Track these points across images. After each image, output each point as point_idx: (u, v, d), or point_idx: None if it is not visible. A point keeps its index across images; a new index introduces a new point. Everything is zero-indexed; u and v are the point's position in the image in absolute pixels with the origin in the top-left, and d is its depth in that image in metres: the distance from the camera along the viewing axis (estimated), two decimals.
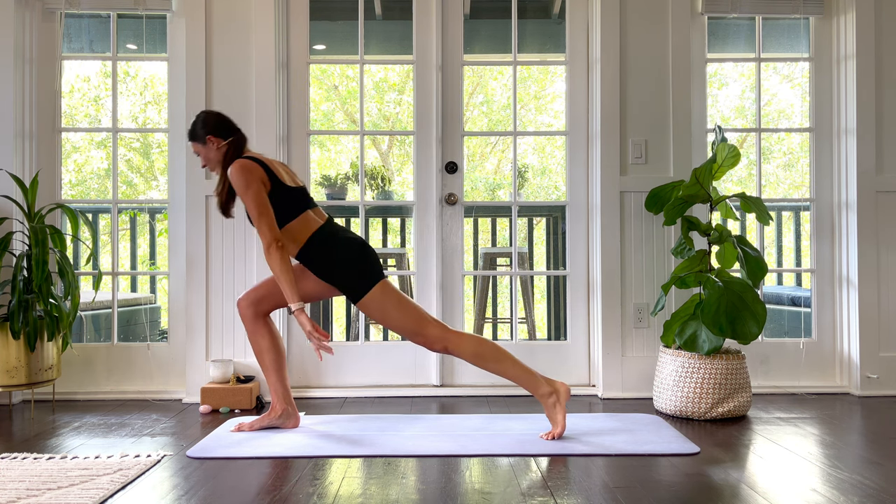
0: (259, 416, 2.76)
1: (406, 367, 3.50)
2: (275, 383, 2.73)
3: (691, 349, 2.94)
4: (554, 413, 2.58)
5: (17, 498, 1.95)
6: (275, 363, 2.73)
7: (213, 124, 2.66)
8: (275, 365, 2.73)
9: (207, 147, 2.66)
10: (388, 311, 2.58)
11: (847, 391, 3.42)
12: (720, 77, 5.78)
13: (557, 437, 2.55)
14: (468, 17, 3.64)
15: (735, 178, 5.40)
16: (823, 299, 3.53)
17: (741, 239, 3.04)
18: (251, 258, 3.33)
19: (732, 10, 3.46)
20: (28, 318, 2.95)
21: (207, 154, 2.67)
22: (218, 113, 2.72)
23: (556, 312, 4.15)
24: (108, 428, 2.82)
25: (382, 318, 2.61)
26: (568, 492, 2.03)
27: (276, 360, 2.73)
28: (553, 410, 2.58)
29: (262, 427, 2.72)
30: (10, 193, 3.21)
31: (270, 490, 2.06)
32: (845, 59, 3.45)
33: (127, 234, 4.46)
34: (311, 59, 3.51)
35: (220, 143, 2.65)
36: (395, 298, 2.59)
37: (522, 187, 5.44)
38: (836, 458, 2.37)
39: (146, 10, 3.40)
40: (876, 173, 3.40)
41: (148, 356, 3.43)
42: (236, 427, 2.70)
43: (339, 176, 4.39)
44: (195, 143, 2.69)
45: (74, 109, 5.77)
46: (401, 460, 2.35)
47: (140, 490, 2.07)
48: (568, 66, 3.53)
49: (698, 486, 2.10)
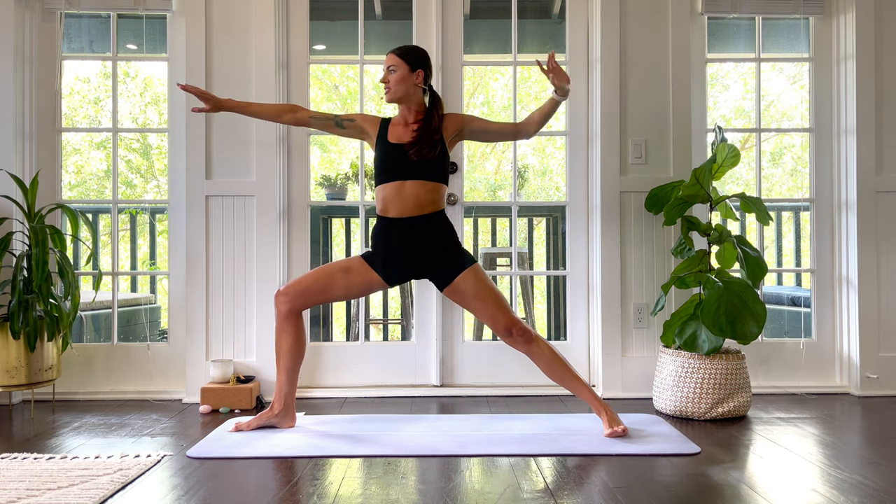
0: (262, 413, 2.75)
1: (406, 367, 3.50)
2: (283, 383, 2.72)
3: (691, 349, 2.94)
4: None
5: (17, 498, 1.95)
6: (290, 365, 2.71)
7: (429, 64, 2.72)
8: (289, 367, 2.71)
9: (411, 75, 2.66)
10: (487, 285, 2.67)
11: (847, 391, 3.42)
12: (720, 78, 5.78)
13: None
14: (468, 17, 3.64)
15: (739, 180, 5.40)
16: (823, 299, 3.52)
17: (741, 239, 3.04)
18: (251, 258, 3.33)
19: (732, 10, 3.46)
20: (28, 318, 2.95)
21: (404, 81, 2.66)
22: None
23: (556, 312, 4.15)
24: (108, 428, 2.82)
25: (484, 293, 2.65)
26: (568, 492, 2.03)
27: (292, 363, 2.72)
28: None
29: (260, 425, 2.71)
30: (10, 193, 3.21)
31: (270, 490, 2.06)
32: (845, 59, 3.45)
33: (127, 234, 4.46)
34: (311, 59, 3.51)
35: (422, 82, 2.68)
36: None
37: (522, 187, 5.44)
38: (836, 458, 2.37)
39: (146, 10, 3.40)
40: (876, 173, 3.40)
41: (148, 356, 3.43)
42: (234, 427, 2.70)
43: (339, 176, 4.39)
44: (401, 62, 2.66)
45: (74, 110, 5.77)
46: (401, 460, 2.35)
47: (140, 490, 2.07)
48: (568, 66, 3.53)
49: (698, 486, 2.10)
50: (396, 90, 2.67)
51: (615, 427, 2.59)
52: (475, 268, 2.67)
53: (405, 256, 2.66)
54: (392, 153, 2.66)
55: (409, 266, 2.68)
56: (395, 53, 2.69)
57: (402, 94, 2.67)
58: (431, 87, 2.73)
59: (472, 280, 2.65)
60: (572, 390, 2.70)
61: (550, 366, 2.68)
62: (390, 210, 2.65)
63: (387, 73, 2.68)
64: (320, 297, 2.70)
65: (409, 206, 2.63)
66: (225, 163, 3.33)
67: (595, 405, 2.67)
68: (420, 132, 2.65)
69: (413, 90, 2.68)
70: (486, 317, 2.66)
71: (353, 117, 2.79)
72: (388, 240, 2.66)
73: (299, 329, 2.72)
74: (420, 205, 2.63)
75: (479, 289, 2.64)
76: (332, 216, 4.52)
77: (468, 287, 2.65)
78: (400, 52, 2.69)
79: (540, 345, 2.67)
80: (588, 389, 2.69)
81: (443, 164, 2.67)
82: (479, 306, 2.66)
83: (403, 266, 2.68)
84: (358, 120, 2.78)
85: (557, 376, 2.69)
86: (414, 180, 2.63)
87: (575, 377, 2.69)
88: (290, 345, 2.70)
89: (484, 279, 2.67)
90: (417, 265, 2.68)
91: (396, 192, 2.64)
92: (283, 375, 2.72)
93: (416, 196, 2.63)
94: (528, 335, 2.65)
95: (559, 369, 2.68)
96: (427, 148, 2.62)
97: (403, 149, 2.64)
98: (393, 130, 2.71)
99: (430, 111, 2.69)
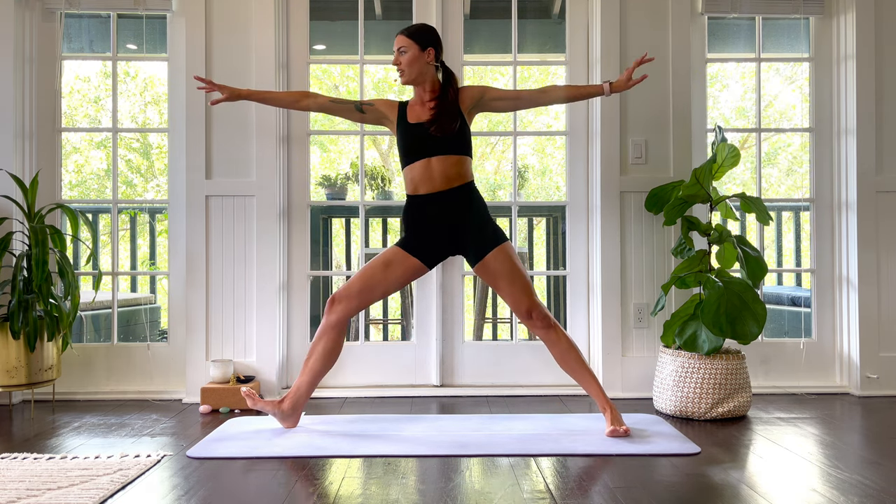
0: (271, 400, 2.72)
1: (406, 367, 3.50)
2: (302, 384, 2.69)
3: (691, 349, 2.94)
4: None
5: (17, 498, 1.95)
6: (318, 368, 2.69)
7: (438, 41, 2.71)
8: (317, 370, 2.69)
9: (422, 54, 2.66)
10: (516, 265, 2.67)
11: (847, 391, 3.42)
12: (720, 78, 5.78)
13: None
14: (468, 17, 3.64)
15: (736, 180, 5.40)
16: (823, 299, 3.52)
17: (741, 239, 3.04)
18: (251, 258, 3.33)
19: (732, 10, 3.46)
20: (28, 318, 2.95)
21: (416, 61, 2.65)
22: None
23: (556, 312, 4.15)
24: (107, 428, 2.82)
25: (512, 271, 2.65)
26: (568, 492, 2.03)
27: (321, 367, 2.69)
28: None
29: (263, 409, 2.69)
30: (10, 193, 3.21)
31: (270, 490, 2.06)
32: (845, 59, 3.45)
33: (127, 234, 4.46)
34: (311, 59, 3.51)
35: (434, 60, 2.68)
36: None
37: (522, 187, 5.44)
38: (836, 458, 2.37)
39: (146, 10, 3.40)
40: (876, 173, 3.40)
41: (148, 356, 3.43)
42: (246, 391, 2.68)
43: (339, 176, 4.39)
44: (411, 42, 2.66)
45: (74, 109, 5.77)
46: (401, 460, 2.35)
47: (140, 490, 2.07)
48: (568, 66, 3.53)
49: (698, 486, 2.10)
50: (410, 72, 2.67)
51: (617, 426, 2.59)
52: (506, 245, 2.68)
53: (441, 231, 2.67)
54: (414, 133, 2.67)
55: (446, 240, 2.69)
56: (403, 34, 2.68)
57: (415, 75, 2.68)
58: (444, 63, 2.74)
59: (502, 258, 2.66)
60: (581, 383, 2.70)
61: (564, 355, 2.68)
62: (420, 188, 2.67)
63: (398, 56, 2.68)
64: (370, 296, 2.69)
65: (437, 181, 2.65)
66: (225, 163, 3.33)
67: (601, 401, 2.67)
68: (438, 108, 2.66)
69: (426, 69, 2.68)
70: (510, 297, 2.66)
71: (373, 102, 2.80)
72: (423, 217, 2.68)
73: (341, 337, 2.71)
74: (448, 178, 2.65)
75: (507, 268, 2.65)
76: (333, 216, 4.53)
77: (498, 265, 2.65)
78: (408, 32, 2.68)
79: (558, 332, 2.68)
80: (597, 385, 2.69)
81: (464, 137, 2.68)
82: (504, 286, 2.66)
83: (440, 242, 2.69)
84: (377, 104, 2.79)
85: (569, 366, 2.69)
86: (439, 156, 2.64)
87: (587, 370, 2.69)
88: (325, 348, 2.68)
89: (514, 259, 2.68)
90: (453, 238, 2.69)
91: (424, 170, 2.65)
92: (307, 376, 2.69)
93: (443, 171, 2.64)
94: (547, 320, 2.67)
95: (572, 360, 2.68)
96: (447, 122, 2.63)
97: (424, 126, 2.66)
98: (412, 111, 2.72)
99: (444, 86, 2.70)
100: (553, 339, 2.68)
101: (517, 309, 2.67)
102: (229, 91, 2.80)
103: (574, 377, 2.71)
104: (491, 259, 2.65)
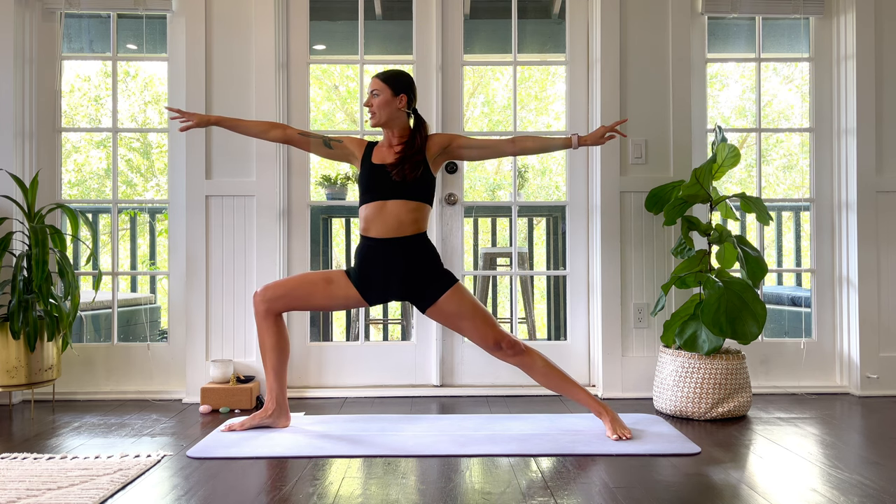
0: (254, 414, 2.76)
1: (406, 367, 3.50)
2: (271, 382, 2.73)
3: (691, 349, 2.94)
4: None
5: (17, 498, 1.95)
6: (276, 363, 2.72)
7: (413, 88, 2.72)
8: (275, 365, 2.72)
9: (394, 100, 2.67)
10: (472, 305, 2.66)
11: (847, 391, 3.42)
12: (720, 77, 5.78)
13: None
14: (468, 17, 3.64)
15: (734, 178, 5.40)
16: (823, 299, 3.52)
17: (741, 239, 3.04)
18: (251, 258, 3.33)
19: (732, 10, 3.46)
20: (28, 318, 2.95)
21: (387, 105, 2.66)
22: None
23: (556, 312, 4.15)
24: (108, 428, 2.82)
25: (471, 311, 2.64)
26: (568, 492, 2.03)
27: (277, 361, 2.72)
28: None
29: (253, 426, 2.71)
30: (10, 193, 3.21)
31: (270, 490, 2.06)
32: (845, 59, 3.45)
33: (127, 234, 4.46)
34: (311, 59, 3.51)
35: (405, 107, 2.68)
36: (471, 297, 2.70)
37: (522, 187, 5.44)
38: (836, 458, 2.37)
39: (146, 10, 3.40)
40: (876, 173, 3.40)
41: (148, 356, 3.43)
42: (227, 427, 2.70)
43: (339, 176, 4.38)
44: (384, 87, 2.67)
45: (74, 109, 5.77)
46: (401, 460, 2.35)
47: (140, 490, 2.07)
48: (568, 66, 3.53)
49: (698, 486, 2.10)
50: (380, 114, 2.68)
51: (621, 433, 2.57)
52: (458, 287, 2.65)
53: (384, 279, 2.65)
54: (374, 173, 2.67)
55: (388, 288, 2.67)
56: (378, 78, 2.70)
57: (385, 119, 2.68)
58: (416, 112, 2.74)
59: (458, 298, 2.64)
60: (571, 397, 2.70)
61: (546, 375, 2.67)
62: (372, 230, 2.65)
63: (370, 97, 2.69)
64: (300, 303, 2.70)
65: (390, 226, 2.63)
66: (225, 163, 3.33)
67: (595, 409, 2.66)
68: (403, 153, 2.66)
69: (396, 114, 2.69)
70: (475, 333, 2.64)
71: (342, 139, 2.80)
72: (369, 260, 2.66)
73: (280, 326, 2.72)
74: (401, 224, 2.63)
75: (466, 307, 2.64)
76: (332, 216, 4.53)
77: (454, 306, 2.63)
78: (383, 76, 2.70)
79: (532, 355, 2.66)
80: (586, 394, 2.68)
81: (426, 185, 2.67)
82: (467, 324, 2.64)
83: (382, 288, 2.67)
84: (346, 142, 2.78)
85: (554, 384, 2.69)
86: (396, 200, 2.63)
87: (571, 383, 2.68)
88: (272, 343, 2.70)
89: (469, 297, 2.66)
90: (395, 288, 2.66)
91: (378, 212, 2.64)
92: (271, 374, 2.72)
93: (397, 216, 2.62)
94: (517, 346, 2.65)
95: (555, 377, 2.68)
96: (409, 168, 2.62)
97: (386, 169, 2.65)
98: (377, 152, 2.72)
99: (413, 133, 2.70)
100: (528, 363, 2.66)
101: (485, 343, 2.65)
102: (199, 118, 2.79)
103: (563, 394, 2.71)
104: (445, 302, 2.63)
